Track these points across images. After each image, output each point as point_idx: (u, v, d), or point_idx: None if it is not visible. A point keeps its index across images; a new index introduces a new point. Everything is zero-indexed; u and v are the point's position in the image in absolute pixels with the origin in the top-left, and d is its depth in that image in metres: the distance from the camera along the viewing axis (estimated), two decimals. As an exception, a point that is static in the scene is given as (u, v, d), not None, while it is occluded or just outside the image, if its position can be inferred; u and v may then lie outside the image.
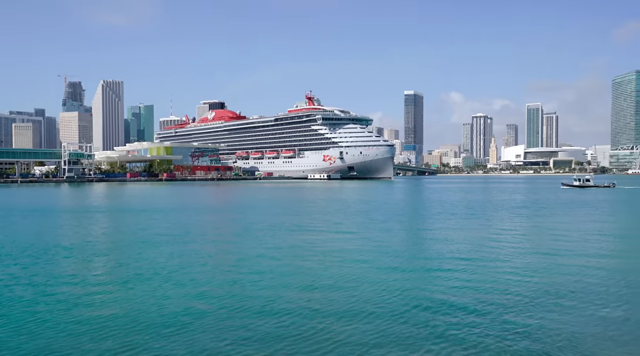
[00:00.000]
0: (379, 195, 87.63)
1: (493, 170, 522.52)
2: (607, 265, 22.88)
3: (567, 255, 25.42)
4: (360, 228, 36.88)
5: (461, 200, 73.37)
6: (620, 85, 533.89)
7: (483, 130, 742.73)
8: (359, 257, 24.57)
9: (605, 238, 32.28)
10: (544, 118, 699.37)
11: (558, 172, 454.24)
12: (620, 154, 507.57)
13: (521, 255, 25.32)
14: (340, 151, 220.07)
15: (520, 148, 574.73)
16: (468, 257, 24.75)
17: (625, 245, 30.12)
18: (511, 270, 21.44)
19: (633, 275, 20.78)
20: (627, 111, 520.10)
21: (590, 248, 27.53)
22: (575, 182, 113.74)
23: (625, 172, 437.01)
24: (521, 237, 32.72)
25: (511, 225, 39.26)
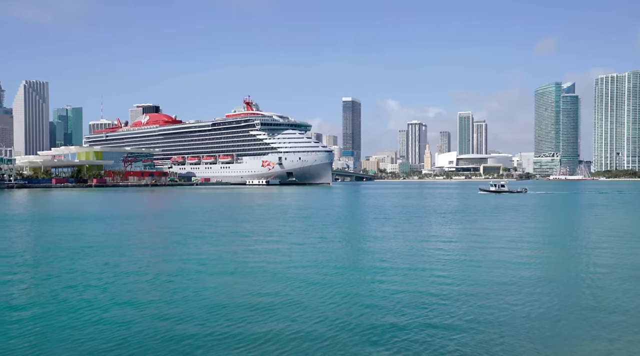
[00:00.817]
0: (318, 201, 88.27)
1: (428, 175, 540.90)
2: (532, 265, 24.32)
3: (493, 256, 26.78)
4: (299, 235, 36.97)
5: (397, 205, 75.36)
6: (542, 95, 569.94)
7: (418, 137, 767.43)
8: (297, 264, 24.63)
9: (526, 240, 34.27)
10: (474, 126, 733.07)
11: (488, 178, 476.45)
12: (542, 161, 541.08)
13: (452, 258, 26.37)
14: (279, 157, 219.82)
15: (453, 154, 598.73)
16: (403, 261, 25.49)
17: (544, 245, 32.11)
18: (444, 274, 22.28)
19: (557, 272, 22.21)
20: (548, 120, 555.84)
21: (514, 251, 29.15)
22: (491, 188, 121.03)
23: (547, 178, 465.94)
24: (451, 241, 34.08)
25: (442, 230, 40.83)
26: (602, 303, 17.22)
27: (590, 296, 18.32)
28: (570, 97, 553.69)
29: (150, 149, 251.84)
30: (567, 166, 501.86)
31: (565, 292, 19.01)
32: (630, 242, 33.92)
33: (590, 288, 19.63)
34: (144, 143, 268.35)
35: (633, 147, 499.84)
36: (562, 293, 18.77)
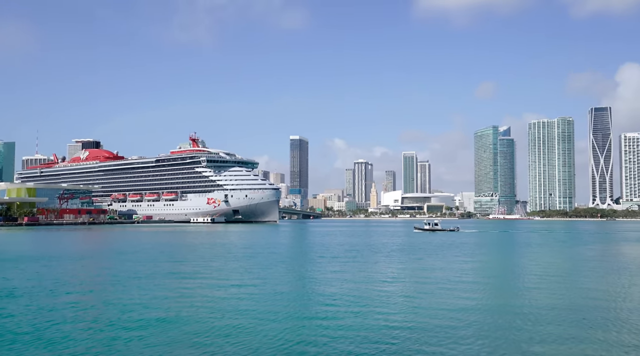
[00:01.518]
0: (264, 239, 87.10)
1: (374, 214, 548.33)
2: (473, 304, 24.78)
3: (436, 295, 27.13)
4: (242, 274, 36.11)
5: (343, 243, 75.53)
6: (481, 138, 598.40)
7: (364, 175, 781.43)
8: (239, 307, 23.93)
9: (467, 279, 35.06)
10: (418, 165, 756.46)
11: (431, 216, 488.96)
12: (482, 200, 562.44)
13: (396, 297, 26.48)
14: (226, 194, 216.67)
15: (398, 193, 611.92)
16: (348, 302, 25.32)
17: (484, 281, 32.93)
18: (389, 312, 22.27)
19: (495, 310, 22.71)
20: (487, 162, 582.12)
21: (455, 290, 29.69)
22: (425, 226, 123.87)
23: (487, 217, 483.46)
24: (395, 280, 34.33)
25: (387, 268, 41.15)
26: (538, 337, 17.71)
27: (526, 332, 18.81)
28: (506, 140, 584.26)
29: (89, 186, 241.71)
30: (505, 206, 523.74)
31: (503, 329, 19.43)
32: (562, 280, 35.40)
33: (527, 324, 20.18)
34: (82, 180, 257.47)
35: (564, 188, 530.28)
36: (500, 330, 19.16)
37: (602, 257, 56.35)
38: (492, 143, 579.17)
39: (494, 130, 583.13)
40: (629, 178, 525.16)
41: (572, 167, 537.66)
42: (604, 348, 16.77)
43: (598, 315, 22.05)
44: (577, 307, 24.02)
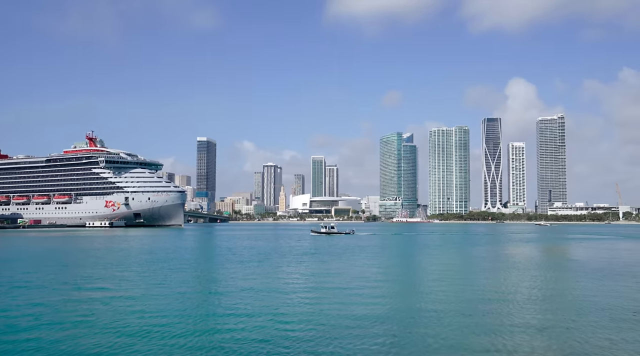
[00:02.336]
0: (167, 244, 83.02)
1: (282, 217, 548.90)
2: (375, 303, 24.84)
3: (340, 296, 26.95)
4: (142, 281, 33.64)
5: (250, 247, 74.03)
6: (386, 144, 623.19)
7: (273, 178, 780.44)
8: (137, 313, 21.97)
9: (370, 280, 35.48)
10: (327, 170, 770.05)
11: (339, 220, 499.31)
12: (387, 204, 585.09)
13: (301, 299, 25.90)
14: (126, 197, 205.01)
15: (307, 197, 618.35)
16: (253, 305, 24.31)
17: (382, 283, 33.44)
18: (292, 315, 21.58)
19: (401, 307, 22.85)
20: (392, 167, 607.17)
21: (358, 290, 29.78)
22: (322, 229, 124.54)
23: (391, 220, 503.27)
24: (299, 282, 33.85)
25: (292, 271, 40.58)
26: (437, 333, 17.93)
27: (425, 329, 19.02)
28: (409, 146, 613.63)
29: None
30: (407, 209, 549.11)
31: (403, 328, 19.51)
32: (458, 279, 37.01)
33: (426, 322, 20.47)
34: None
35: (460, 193, 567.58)
36: (401, 327, 19.21)
37: (493, 256, 60.26)
38: (397, 149, 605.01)
39: (398, 136, 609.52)
40: (515, 184, 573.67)
41: (467, 173, 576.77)
42: (499, 342, 17.33)
43: (492, 311, 23.03)
44: (472, 304, 24.96)
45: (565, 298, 28.12)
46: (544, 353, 16.30)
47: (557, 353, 16.31)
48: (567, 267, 47.13)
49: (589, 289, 31.05)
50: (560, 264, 50.56)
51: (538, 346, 17.03)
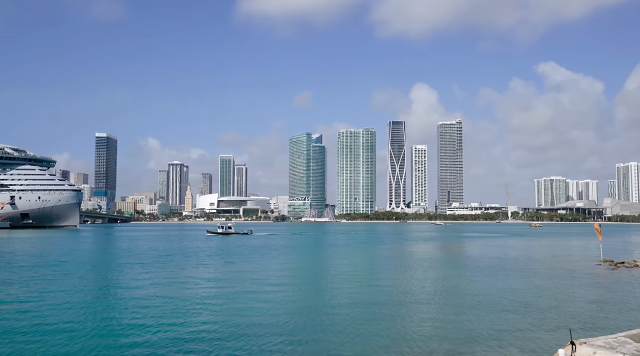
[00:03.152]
0: (59, 246, 76.50)
1: (189, 217, 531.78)
2: (283, 301, 24.34)
3: (249, 297, 26.14)
4: (27, 287, 30.34)
5: (151, 248, 70.37)
6: (296, 144, 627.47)
7: (179, 177, 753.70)
8: (26, 322, 19.54)
9: (279, 279, 34.99)
10: (235, 169, 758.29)
11: (247, 220, 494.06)
12: (296, 204, 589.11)
13: (205, 301, 24.74)
14: (12, 195, 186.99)
15: (214, 196, 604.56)
16: (154, 309, 22.71)
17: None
18: (196, 318, 20.45)
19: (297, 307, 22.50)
20: (301, 167, 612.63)
21: (264, 289, 29.14)
22: (219, 230, 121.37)
23: (299, 220, 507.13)
24: (202, 284, 32.52)
25: (195, 273, 38.99)
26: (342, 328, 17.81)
27: (331, 325, 18.85)
28: (318, 147, 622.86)
29: None
30: (316, 209, 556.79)
31: (311, 325, 19.19)
32: (364, 276, 37.65)
33: (332, 318, 20.34)
34: None
35: (367, 193, 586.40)
36: (308, 326, 18.87)
37: (397, 254, 62.46)
38: (306, 149, 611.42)
39: (308, 137, 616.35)
40: (418, 185, 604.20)
41: (374, 174, 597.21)
42: (400, 335, 17.58)
43: (396, 306, 23.50)
44: (377, 301, 25.37)
45: (460, 293, 29.53)
46: (439, 344, 16.74)
47: (453, 343, 16.81)
48: (463, 263, 49.90)
49: (483, 284, 32.94)
50: (457, 261, 53.48)
51: (432, 338, 17.48)
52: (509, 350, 16.30)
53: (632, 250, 70.79)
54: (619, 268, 41.94)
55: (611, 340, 12.76)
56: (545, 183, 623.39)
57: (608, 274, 38.23)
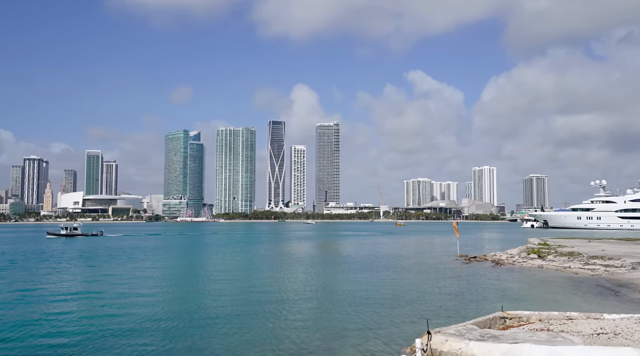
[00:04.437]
0: None
1: (48, 217, 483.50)
2: (151, 304, 23.11)
3: (112, 304, 24.40)
4: None
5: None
6: (172, 141, 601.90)
7: (37, 174, 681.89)
8: None
9: (140, 283, 33.25)
10: (104, 165, 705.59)
11: (117, 220, 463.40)
12: (171, 203, 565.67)
13: (65, 309, 22.56)
14: None
15: (79, 195, 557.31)
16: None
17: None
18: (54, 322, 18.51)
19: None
20: (177, 165, 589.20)
21: (132, 294, 27.50)
22: (62, 231, 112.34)
23: (175, 219, 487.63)
24: (59, 290, 29.78)
25: (51, 279, 35.57)
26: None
27: (206, 327, 18.33)
28: (196, 145, 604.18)
29: None
30: (193, 208, 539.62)
31: (187, 327, 18.46)
32: (242, 276, 37.25)
33: (208, 320, 19.78)
34: None
35: (246, 192, 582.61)
36: (184, 328, 18.12)
37: (274, 253, 62.85)
38: (183, 147, 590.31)
39: (185, 134, 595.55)
40: (296, 184, 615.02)
41: (253, 173, 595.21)
42: (272, 335, 17.64)
43: (269, 305, 23.58)
44: (251, 300, 25.25)
45: (332, 290, 30.56)
46: (309, 340, 17.10)
47: (323, 339, 17.27)
48: (336, 261, 51.76)
49: (353, 281, 34.44)
50: (331, 259, 55.31)
51: (303, 335, 17.82)
52: (373, 341, 17.17)
53: (483, 245, 79.06)
54: (471, 262, 46.49)
55: (461, 327, 14.03)
56: (414, 184, 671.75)
57: (462, 268, 42.20)
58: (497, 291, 28.44)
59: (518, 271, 38.37)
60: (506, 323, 15.94)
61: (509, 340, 12.46)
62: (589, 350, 11.08)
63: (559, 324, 14.71)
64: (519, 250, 50.88)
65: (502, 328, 15.14)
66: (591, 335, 13.11)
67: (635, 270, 33.70)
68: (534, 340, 12.34)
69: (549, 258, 42.86)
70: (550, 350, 11.18)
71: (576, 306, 22.03)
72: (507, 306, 19.23)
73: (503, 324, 15.86)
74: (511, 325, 15.71)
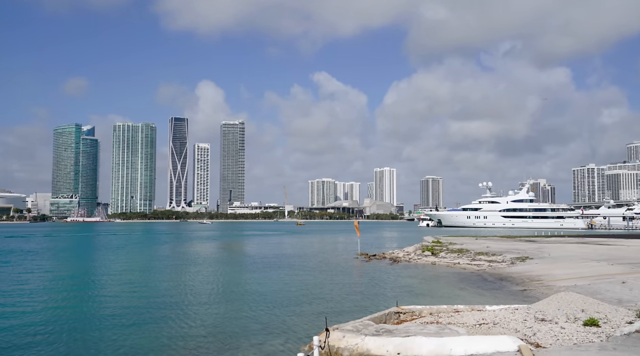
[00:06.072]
0: None
1: None
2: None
3: None
4: None
5: None
6: (62, 135, 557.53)
7: None
8: None
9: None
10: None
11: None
12: (60, 202, 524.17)
13: None
14: None
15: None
16: None
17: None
18: None
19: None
20: (68, 161, 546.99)
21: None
22: None
23: (64, 220, 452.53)
24: None
25: None
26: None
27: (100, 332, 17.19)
28: (90, 140, 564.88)
29: None
30: (85, 208, 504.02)
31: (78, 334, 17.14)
32: (138, 279, 35.49)
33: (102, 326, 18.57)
34: None
35: (145, 191, 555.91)
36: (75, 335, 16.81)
37: (176, 254, 60.64)
38: (75, 141, 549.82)
39: (77, 128, 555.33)
40: (200, 183, 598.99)
41: (153, 171, 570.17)
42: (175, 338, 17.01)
43: (168, 308, 22.69)
44: (152, 303, 24.10)
45: (234, 290, 30.15)
46: (207, 341, 16.73)
47: (221, 340, 16.98)
48: (241, 261, 51.18)
49: (256, 281, 34.24)
50: (235, 259, 54.58)
51: (201, 337, 17.41)
52: (272, 341, 17.18)
53: (383, 244, 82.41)
54: (371, 260, 48.25)
55: (358, 323, 14.48)
56: (318, 184, 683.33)
57: (362, 266, 43.66)
58: (393, 288, 29.77)
59: (413, 268, 40.48)
60: (400, 317, 16.72)
61: (402, 333, 13.08)
62: (471, 340, 11.96)
63: (447, 317, 15.72)
64: (415, 247, 53.68)
65: (396, 323, 15.86)
66: (474, 326, 14.16)
67: (514, 264, 37.00)
68: (424, 332, 13.06)
69: (441, 255, 45.70)
70: (438, 341, 11.91)
71: (463, 299, 23.70)
72: (402, 301, 20.20)
73: (397, 319, 16.62)
74: (405, 319, 16.51)
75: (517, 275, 31.67)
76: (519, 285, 28.37)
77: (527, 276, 30.69)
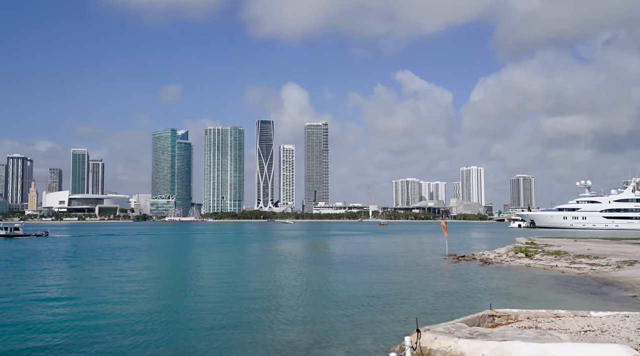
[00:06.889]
0: None
1: (33, 217, 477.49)
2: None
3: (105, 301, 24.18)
4: None
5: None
6: (159, 140, 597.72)
7: (21, 173, 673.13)
8: None
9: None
10: (90, 164, 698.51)
11: (104, 219, 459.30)
12: (159, 203, 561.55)
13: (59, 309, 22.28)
14: None
15: (65, 194, 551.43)
16: None
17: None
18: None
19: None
20: (165, 164, 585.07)
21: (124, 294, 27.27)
22: (1, 232, 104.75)
23: (163, 219, 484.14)
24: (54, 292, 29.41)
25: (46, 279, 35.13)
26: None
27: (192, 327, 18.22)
28: (184, 144, 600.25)
29: None
30: (181, 208, 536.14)
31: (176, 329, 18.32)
32: (232, 275, 37.08)
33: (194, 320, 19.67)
34: None
35: (234, 192, 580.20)
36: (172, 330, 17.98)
37: (266, 253, 62.71)
38: (170, 145, 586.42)
39: (173, 132, 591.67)
40: (285, 184, 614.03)
41: (242, 173, 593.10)
42: (268, 332, 17.59)
43: (260, 304, 23.52)
44: (247, 299, 25.09)
45: (323, 289, 30.54)
46: (299, 338, 17.09)
47: (314, 338, 17.27)
48: (326, 260, 51.75)
49: (344, 280, 34.46)
50: (321, 258, 55.30)
51: (296, 334, 17.80)
52: (363, 340, 17.19)
53: (472, 245, 79.56)
54: (460, 261, 46.75)
55: (450, 325, 14.08)
56: (402, 184, 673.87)
57: (451, 267, 42.41)
58: (485, 290, 28.62)
59: (506, 270, 38.66)
60: (495, 321, 16.04)
61: (498, 337, 12.53)
62: (576, 347, 11.17)
63: (546, 322, 14.83)
64: (507, 249, 51.27)
65: (490, 326, 15.23)
66: (578, 333, 13.23)
67: (620, 268, 34.14)
68: (522, 337, 12.42)
69: (536, 257, 43.26)
70: (539, 347, 11.26)
71: (563, 304, 22.23)
72: (496, 304, 19.36)
73: (492, 322, 15.96)
74: (500, 323, 15.82)
75: (626, 280, 29.17)
76: (628, 291, 26.11)
77: (637, 282, 28.17)
